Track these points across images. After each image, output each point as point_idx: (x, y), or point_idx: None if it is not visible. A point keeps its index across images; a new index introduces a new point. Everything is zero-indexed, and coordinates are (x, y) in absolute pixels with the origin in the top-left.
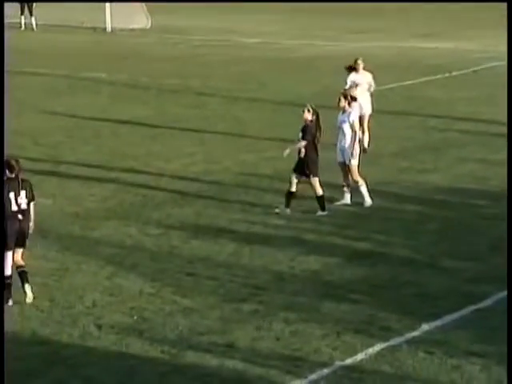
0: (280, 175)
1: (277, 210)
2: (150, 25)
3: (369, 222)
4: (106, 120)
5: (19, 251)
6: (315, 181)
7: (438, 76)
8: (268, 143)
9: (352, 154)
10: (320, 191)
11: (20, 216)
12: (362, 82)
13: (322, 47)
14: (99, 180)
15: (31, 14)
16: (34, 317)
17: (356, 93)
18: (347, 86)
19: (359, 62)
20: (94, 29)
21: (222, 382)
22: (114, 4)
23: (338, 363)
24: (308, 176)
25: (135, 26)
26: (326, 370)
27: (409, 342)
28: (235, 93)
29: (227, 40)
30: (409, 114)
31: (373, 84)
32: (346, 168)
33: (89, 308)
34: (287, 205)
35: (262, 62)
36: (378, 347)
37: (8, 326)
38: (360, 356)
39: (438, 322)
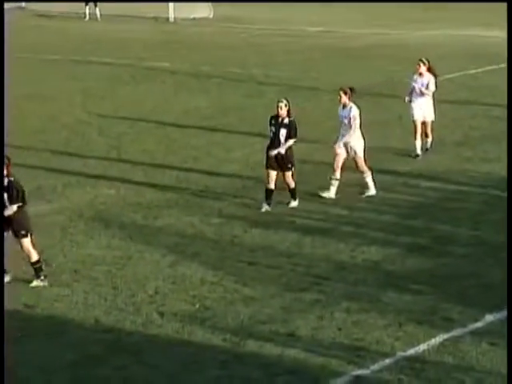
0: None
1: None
2: (212, 14)
3: (431, 212)
4: (168, 109)
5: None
6: (290, 174)
7: (502, 65)
8: (327, 131)
9: (356, 148)
10: (293, 184)
11: None
12: (423, 85)
13: (384, 36)
14: (161, 170)
15: (95, 5)
16: (98, 305)
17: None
18: (410, 89)
19: (421, 63)
20: (156, 19)
21: (283, 371)
22: None
23: (400, 354)
24: (287, 169)
25: (197, 16)
26: (387, 361)
27: (472, 333)
28: (295, 82)
29: (288, 29)
30: (473, 103)
31: (431, 87)
32: (352, 160)
33: (151, 296)
34: (268, 203)
35: (323, 50)
36: (440, 338)
37: (73, 314)
38: (422, 347)
39: (502, 314)
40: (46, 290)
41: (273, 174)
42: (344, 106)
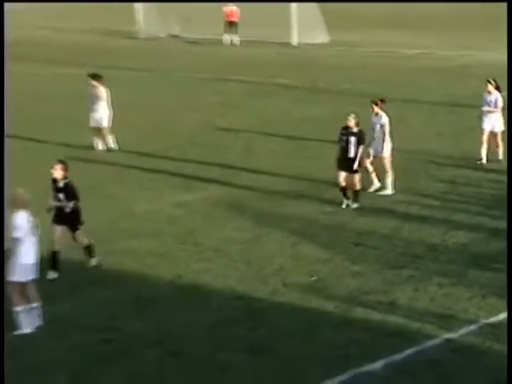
0: (435, 162)
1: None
2: (328, 39)
3: None
4: (289, 118)
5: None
6: (358, 177)
7: None
8: (426, 136)
9: (383, 148)
10: (359, 186)
11: None
12: (492, 102)
13: (474, 57)
14: (285, 166)
15: (235, 33)
16: (233, 276)
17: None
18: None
19: (488, 83)
20: (282, 44)
21: (385, 333)
22: (300, 23)
23: (483, 321)
24: (355, 172)
25: (316, 41)
26: (472, 327)
27: None
28: (397, 95)
29: (391, 51)
30: None
31: (499, 104)
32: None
33: (277, 270)
34: (346, 198)
35: (421, 69)
36: None
37: (213, 284)
38: (502, 315)
39: None
40: (193, 264)
41: (343, 174)
42: (376, 115)
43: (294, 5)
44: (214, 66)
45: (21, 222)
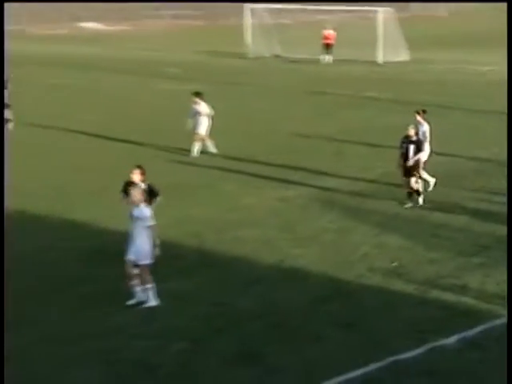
0: (502, 164)
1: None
2: (409, 57)
3: None
4: (374, 126)
5: None
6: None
7: None
8: (496, 141)
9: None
10: (416, 186)
11: None
12: None
13: None
14: (369, 168)
15: (331, 53)
16: (326, 261)
17: None
18: None
19: None
20: (370, 62)
21: (458, 312)
22: (385, 43)
23: None
24: (412, 176)
25: (399, 59)
26: None
27: None
28: (471, 106)
29: (463, 68)
30: None
31: None
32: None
33: (362, 256)
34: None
35: (490, 84)
36: None
37: (311, 267)
38: None
39: None
40: (292, 250)
41: (404, 178)
42: (419, 123)
43: (380, 27)
44: (311, 82)
45: (149, 212)
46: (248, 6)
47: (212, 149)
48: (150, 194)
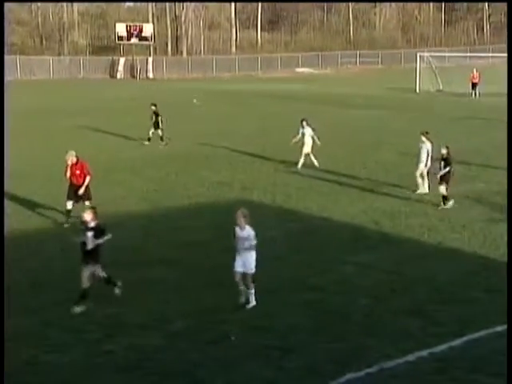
0: None
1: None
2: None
3: None
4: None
5: None
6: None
7: None
8: None
9: (425, 165)
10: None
11: None
12: None
13: None
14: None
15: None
16: (476, 244)
17: None
18: None
19: None
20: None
21: None
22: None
23: None
24: (440, 184)
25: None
26: None
27: None
28: None
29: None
30: None
31: None
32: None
33: (505, 242)
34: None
35: None
36: None
37: (462, 247)
38: None
39: None
40: (449, 234)
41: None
42: (423, 142)
43: None
44: (464, 109)
45: (253, 232)
46: (418, 53)
47: (316, 163)
48: (100, 232)
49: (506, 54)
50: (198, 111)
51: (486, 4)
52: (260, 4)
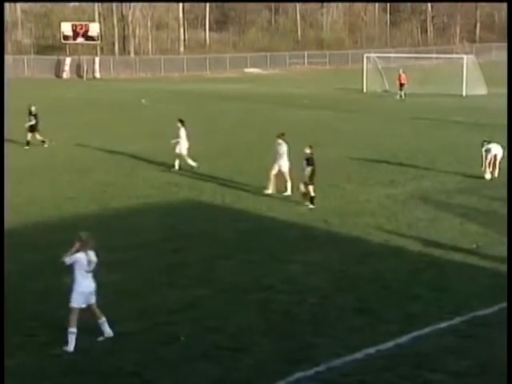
0: None
1: None
2: (486, 91)
3: None
4: (458, 142)
5: None
6: None
7: None
8: None
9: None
10: None
11: None
12: None
13: None
14: (455, 173)
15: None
16: (420, 242)
17: None
18: None
19: None
20: (456, 95)
21: None
22: (468, 79)
23: None
24: None
25: (479, 93)
26: None
27: None
28: None
29: None
30: None
31: None
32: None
33: (450, 239)
34: None
35: None
36: None
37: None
38: None
39: None
40: (395, 233)
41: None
42: (279, 144)
43: (464, 67)
44: (410, 110)
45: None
46: (365, 54)
47: None
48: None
49: (450, 56)
50: (146, 111)
51: (430, 5)
52: (208, 4)
